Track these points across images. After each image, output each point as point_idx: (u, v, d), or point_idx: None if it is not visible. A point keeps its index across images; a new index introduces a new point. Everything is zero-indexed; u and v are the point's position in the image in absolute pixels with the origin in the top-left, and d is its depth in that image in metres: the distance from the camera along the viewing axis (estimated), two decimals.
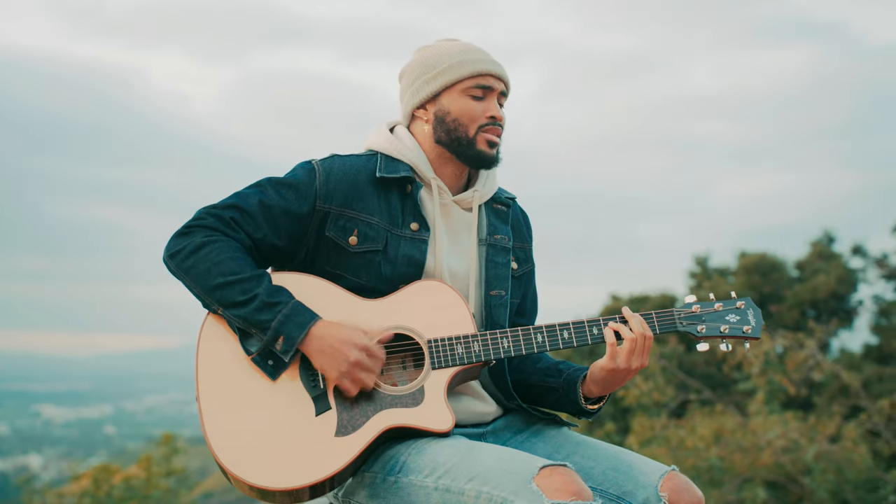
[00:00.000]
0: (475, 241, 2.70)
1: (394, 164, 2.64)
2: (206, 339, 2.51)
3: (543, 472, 2.23)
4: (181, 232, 2.50)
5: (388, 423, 2.46)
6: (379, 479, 2.46)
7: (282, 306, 2.44)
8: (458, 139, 2.64)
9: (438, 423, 2.46)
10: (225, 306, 2.45)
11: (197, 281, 2.46)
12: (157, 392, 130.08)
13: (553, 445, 2.62)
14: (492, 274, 2.70)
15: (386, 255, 2.58)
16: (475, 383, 2.68)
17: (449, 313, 2.56)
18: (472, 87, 2.63)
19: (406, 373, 2.56)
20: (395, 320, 2.55)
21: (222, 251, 2.46)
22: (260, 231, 2.53)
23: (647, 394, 12.28)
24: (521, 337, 2.55)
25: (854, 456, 11.65)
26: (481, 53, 2.67)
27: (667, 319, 2.60)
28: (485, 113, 2.63)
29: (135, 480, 12.66)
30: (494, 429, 2.68)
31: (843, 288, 20.46)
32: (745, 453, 11.42)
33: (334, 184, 2.58)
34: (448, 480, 2.32)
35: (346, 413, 2.45)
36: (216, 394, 2.46)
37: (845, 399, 14.51)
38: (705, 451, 11.43)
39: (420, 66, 2.69)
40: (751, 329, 2.60)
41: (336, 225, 2.57)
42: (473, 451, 2.36)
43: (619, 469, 2.49)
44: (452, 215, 2.69)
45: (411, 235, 2.61)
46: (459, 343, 2.52)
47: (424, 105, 2.69)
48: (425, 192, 2.66)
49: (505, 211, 2.78)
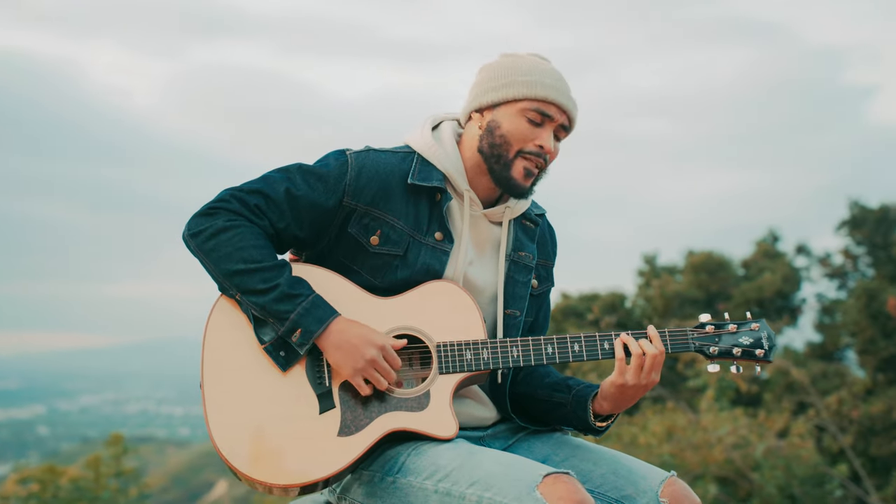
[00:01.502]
0: (503, 256, 2.65)
1: (428, 170, 2.58)
2: (215, 327, 2.49)
3: (547, 479, 2.20)
4: (204, 212, 2.47)
5: (392, 426, 2.43)
6: (377, 478, 2.44)
7: (302, 299, 2.41)
8: (498, 156, 2.56)
9: (442, 429, 2.44)
10: (244, 292, 2.42)
11: (217, 264, 2.43)
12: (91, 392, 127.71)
13: (551, 446, 2.61)
14: (510, 291, 2.66)
15: (405, 260, 2.54)
16: (477, 388, 2.65)
17: (461, 317, 2.53)
18: (531, 109, 2.54)
19: (412, 372, 2.53)
20: (406, 320, 2.52)
21: (245, 237, 2.43)
22: (283, 220, 2.50)
23: None
24: (532, 347, 2.52)
25: (802, 452, 11.89)
26: (559, 82, 2.58)
27: (680, 338, 2.55)
28: (534, 139, 2.55)
29: (83, 481, 12.44)
30: (494, 432, 2.66)
31: (787, 286, 20.85)
32: (696, 450, 11.59)
33: (365, 181, 2.53)
34: (448, 484, 2.30)
35: (350, 413, 2.43)
36: (221, 383, 2.44)
37: (794, 396, 14.76)
38: (657, 447, 11.57)
39: (496, 71, 2.61)
40: (763, 353, 2.56)
41: (360, 223, 2.54)
42: (475, 455, 2.33)
43: (618, 473, 2.47)
44: (480, 228, 2.65)
45: (434, 245, 2.57)
46: (469, 349, 2.49)
47: (483, 110, 2.61)
48: (456, 203, 2.61)
49: (533, 228, 2.73)
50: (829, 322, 20.70)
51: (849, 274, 21.51)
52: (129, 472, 13.06)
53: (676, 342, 2.55)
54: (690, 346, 2.55)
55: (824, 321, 20.88)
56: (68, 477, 12.42)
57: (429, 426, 2.43)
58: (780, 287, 20.56)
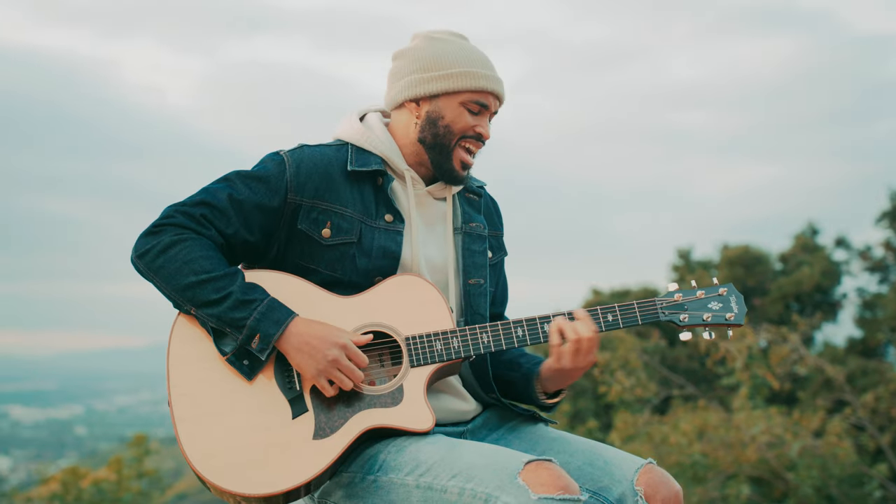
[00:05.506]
0: (451, 230, 2.68)
1: (365, 157, 2.61)
2: (177, 341, 2.46)
3: (529, 466, 2.20)
4: (149, 231, 2.45)
5: (367, 425, 2.40)
6: (357, 478, 2.42)
7: (257, 304, 2.39)
8: (441, 146, 2.60)
9: (418, 422, 2.41)
10: (197, 306, 2.40)
11: (168, 281, 2.41)
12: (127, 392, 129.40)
13: (529, 442, 2.59)
14: (469, 262, 2.68)
15: (360, 246, 2.53)
16: (455, 381, 2.64)
17: (427, 309, 2.51)
18: (472, 101, 2.60)
19: (384, 370, 2.50)
20: (371, 317, 2.50)
21: (193, 249, 2.41)
22: (231, 227, 2.48)
23: (629, 390, 12.28)
24: (502, 331, 2.52)
25: (838, 451, 11.69)
26: (491, 69, 2.64)
27: (649, 309, 2.56)
28: (475, 127, 2.61)
29: (105, 483, 12.41)
30: (474, 427, 2.64)
31: (826, 281, 20.42)
32: (728, 449, 11.42)
33: (305, 175, 2.53)
34: (430, 478, 2.28)
35: (324, 415, 2.40)
36: (189, 397, 2.41)
37: (829, 393, 14.50)
38: (688, 447, 11.42)
39: (425, 60, 2.62)
40: (733, 316, 2.57)
41: (308, 217, 2.52)
42: (455, 448, 2.32)
43: (594, 464, 2.46)
44: (427, 205, 2.67)
45: (386, 227, 2.57)
46: (438, 339, 2.48)
47: (419, 101, 2.62)
48: (398, 184, 2.64)
49: (477, 200, 2.78)
50: (870, 317, 20.25)
51: (890, 267, 21.03)
52: (152, 473, 13.05)
53: (646, 313, 2.56)
54: (659, 315, 2.56)
55: (865, 316, 20.42)
56: (91, 479, 12.38)
57: (405, 421, 2.41)
58: (819, 281, 20.15)
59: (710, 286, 2.62)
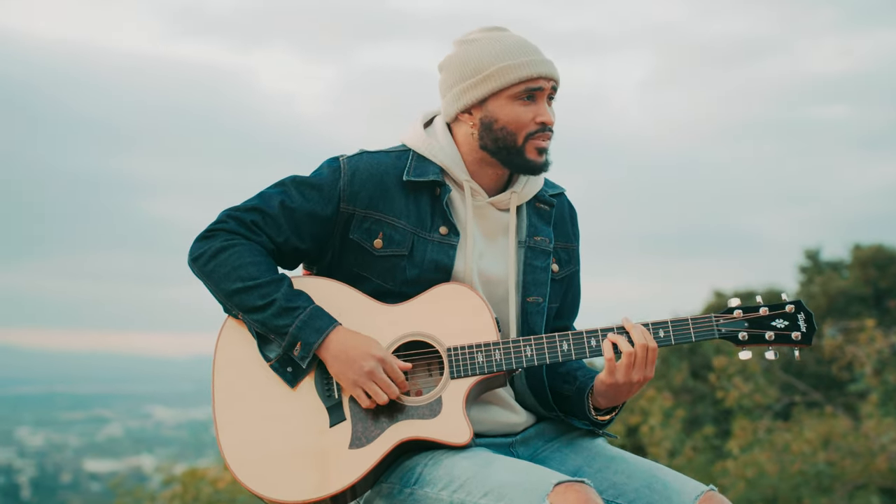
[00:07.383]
0: (513, 244, 2.61)
1: (424, 166, 2.56)
2: (224, 345, 2.50)
3: (558, 488, 2.17)
4: (203, 235, 2.49)
5: (403, 436, 2.40)
6: (396, 490, 2.43)
7: (300, 311, 2.41)
8: (506, 148, 2.52)
9: (455, 436, 2.39)
10: (244, 311, 2.43)
11: (218, 285, 2.45)
12: None
13: (584, 458, 2.55)
14: (530, 279, 2.61)
15: (412, 259, 2.51)
16: (505, 392, 2.59)
17: (471, 319, 2.47)
18: (520, 91, 2.49)
19: (433, 380, 2.49)
20: (414, 326, 2.48)
21: (242, 255, 2.44)
22: (282, 234, 2.49)
23: (747, 395, 11.85)
24: (546, 344, 2.46)
25: None
26: (529, 52, 2.52)
27: (704, 325, 2.48)
28: (535, 119, 2.52)
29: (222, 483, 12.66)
30: (525, 437, 2.60)
31: None
32: (856, 458, 10.98)
33: (359, 184, 2.51)
34: (463, 494, 2.29)
35: (361, 424, 2.41)
36: (231, 403, 2.45)
37: None
38: (812, 455, 11.01)
39: (464, 67, 2.54)
40: (800, 335, 2.47)
41: (361, 227, 2.51)
42: (490, 464, 2.32)
43: (652, 487, 2.41)
44: (487, 217, 2.60)
45: (439, 240, 2.53)
46: (480, 351, 2.44)
47: (469, 110, 2.55)
48: (457, 195, 2.58)
49: (548, 210, 2.68)
50: None
51: None
52: None
53: (700, 330, 2.48)
54: (715, 333, 2.48)
55: None
56: (209, 479, 12.65)
57: (442, 433, 2.39)
58: None
59: (776, 303, 2.51)
